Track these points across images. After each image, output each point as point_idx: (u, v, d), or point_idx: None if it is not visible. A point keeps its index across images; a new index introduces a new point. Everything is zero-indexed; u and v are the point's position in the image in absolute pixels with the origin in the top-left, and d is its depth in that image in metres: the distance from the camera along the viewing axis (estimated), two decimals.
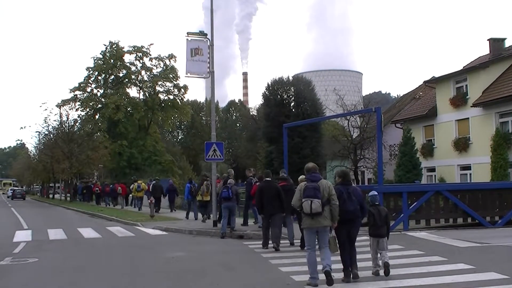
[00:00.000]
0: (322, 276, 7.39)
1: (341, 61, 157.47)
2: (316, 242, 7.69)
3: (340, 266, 7.91)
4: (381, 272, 8.02)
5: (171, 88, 49.40)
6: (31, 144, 61.26)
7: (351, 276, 7.78)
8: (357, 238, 8.16)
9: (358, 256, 8.04)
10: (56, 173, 48.12)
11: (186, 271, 9.10)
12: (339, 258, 7.90)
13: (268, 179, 12.28)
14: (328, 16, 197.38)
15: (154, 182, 26.27)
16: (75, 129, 46.01)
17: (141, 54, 48.67)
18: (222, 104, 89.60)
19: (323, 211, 7.41)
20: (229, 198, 14.30)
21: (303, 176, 8.67)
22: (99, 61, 48.39)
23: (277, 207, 11.65)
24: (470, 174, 26.34)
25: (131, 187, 30.32)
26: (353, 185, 8.35)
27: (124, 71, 49.19)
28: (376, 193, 8.58)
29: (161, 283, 8.23)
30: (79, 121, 46.99)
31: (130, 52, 48.68)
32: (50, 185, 63.47)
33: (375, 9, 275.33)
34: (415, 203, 15.10)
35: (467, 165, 26.64)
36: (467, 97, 26.48)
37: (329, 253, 7.51)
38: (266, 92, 42.91)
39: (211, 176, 17.42)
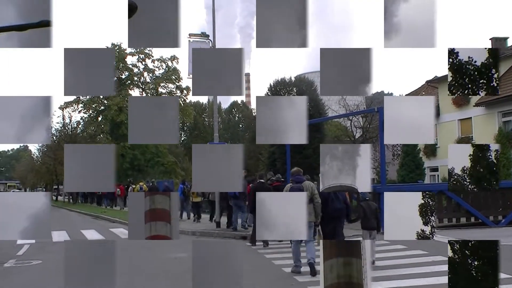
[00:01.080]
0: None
1: None
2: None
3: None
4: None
5: (174, 90, 49.52)
6: (34, 147, 61.42)
7: None
8: (350, 238, 8.28)
9: None
10: (59, 175, 48.19)
11: (188, 272, 9.10)
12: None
13: (261, 180, 13.12)
14: (329, 13, 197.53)
15: (151, 184, 26.88)
16: (78, 131, 46.13)
17: (143, 55, 48.82)
18: (225, 105, 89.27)
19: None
20: (236, 196, 14.62)
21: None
22: None
23: None
24: None
25: (129, 189, 30.84)
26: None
27: (127, 73, 49.33)
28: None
29: (159, 282, 8.26)
30: (81, 123, 47.14)
31: (132, 54, 48.81)
32: (54, 187, 63.61)
33: (376, 6, 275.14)
34: None
35: None
36: (470, 96, 26.41)
37: (313, 247, 8.12)
38: (269, 93, 42.87)
39: None
